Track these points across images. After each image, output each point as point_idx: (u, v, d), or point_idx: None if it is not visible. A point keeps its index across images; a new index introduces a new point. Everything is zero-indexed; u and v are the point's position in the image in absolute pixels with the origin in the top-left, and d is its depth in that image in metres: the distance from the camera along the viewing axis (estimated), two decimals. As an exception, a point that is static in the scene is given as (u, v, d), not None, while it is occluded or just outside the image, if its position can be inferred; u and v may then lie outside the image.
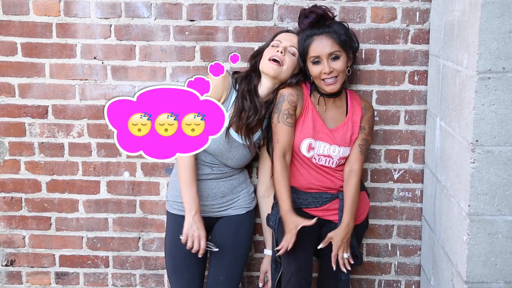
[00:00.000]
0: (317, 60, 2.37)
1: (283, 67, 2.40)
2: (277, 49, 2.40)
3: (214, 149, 2.44)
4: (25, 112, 2.75)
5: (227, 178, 2.54)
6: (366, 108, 2.51)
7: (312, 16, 2.38)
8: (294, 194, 2.49)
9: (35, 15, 2.66)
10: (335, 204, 2.48)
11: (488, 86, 1.93)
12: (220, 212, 2.56)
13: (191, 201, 2.38)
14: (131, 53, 2.69)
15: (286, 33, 2.48)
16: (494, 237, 2.04)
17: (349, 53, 2.42)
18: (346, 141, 2.45)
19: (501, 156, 1.99)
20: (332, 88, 2.39)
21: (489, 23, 1.89)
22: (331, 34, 2.36)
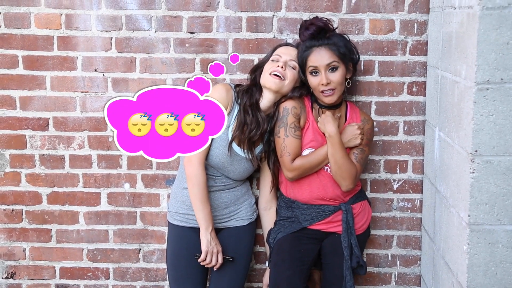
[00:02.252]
0: (315, 71, 2.39)
1: (285, 82, 2.42)
2: (278, 63, 2.42)
3: (217, 162, 2.45)
4: (26, 124, 2.76)
5: (229, 190, 2.55)
6: (365, 120, 2.53)
7: (312, 28, 2.41)
8: (297, 210, 2.51)
9: (36, 28, 2.68)
10: (338, 216, 2.49)
11: (487, 96, 1.95)
12: (222, 223, 2.56)
13: (206, 218, 2.42)
14: (132, 65, 2.71)
15: (285, 46, 2.50)
16: (494, 247, 2.06)
17: (348, 65, 2.44)
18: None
19: (500, 166, 2.00)
20: (330, 99, 2.41)
21: (487, 35, 1.91)
22: (329, 46, 2.38)
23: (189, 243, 2.53)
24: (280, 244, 2.50)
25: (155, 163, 2.78)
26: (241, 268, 2.57)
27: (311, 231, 2.51)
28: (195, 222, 2.50)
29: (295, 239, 2.49)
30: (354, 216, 2.50)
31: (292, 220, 2.53)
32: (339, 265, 2.44)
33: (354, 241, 2.45)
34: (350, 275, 2.42)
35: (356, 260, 2.43)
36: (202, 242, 2.42)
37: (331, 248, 2.50)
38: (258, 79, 2.47)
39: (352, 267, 2.43)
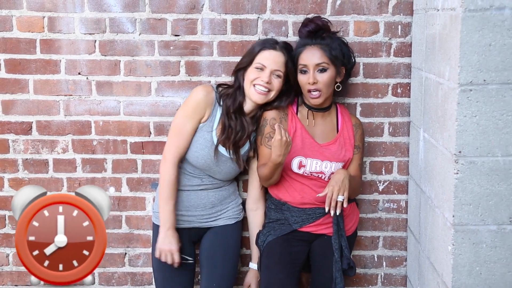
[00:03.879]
0: (304, 70, 2.40)
1: (270, 93, 2.41)
2: (262, 76, 2.37)
3: (202, 164, 2.44)
4: (9, 128, 2.73)
5: (216, 189, 2.54)
6: (357, 125, 2.55)
7: (311, 26, 2.44)
8: (287, 213, 2.51)
9: (18, 31, 2.65)
10: (328, 218, 2.48)
11: (470, 98, 1.97)
12: (209, 222, 2.55)
13: (167, 216, 2.41)
14: (116, 68, 2.70)
15: (269, 51, 2.40)
16: (478, 247, 2.07)
17: (340, 68, 2.44)
18: (339, 156, 2.47)
19: (483, 166, 2.02)
20: (315, 101, 2.41)
21: (469, 37, 1.93)
22: (322, 46, 2.40)
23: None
24: (271, 247, 2.49)
25: (140, 167, 2.76)
26: (231, 267, 2.56)
27: (301, 233, 2.50)
28: (182, 223, 2.50)
29: (285, 242, 2.49)
30: (344, 217, 2.50)
31: (282, 222, 2.52)
32: (329, 267, 2.44)
33: (345, 242, 2.45)
34: (341, 276, 2.42)
35: (347, 262, 2.43)
36: (158, 239, 2.42)
37: (320, 250, 2.50)
38: (242, 83, 2.45)
39: (342, 268, 2.43)
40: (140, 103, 2.70)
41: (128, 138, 2.74)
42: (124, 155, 2.75)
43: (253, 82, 2.38)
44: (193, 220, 2.52)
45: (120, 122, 2.74)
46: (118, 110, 2.73)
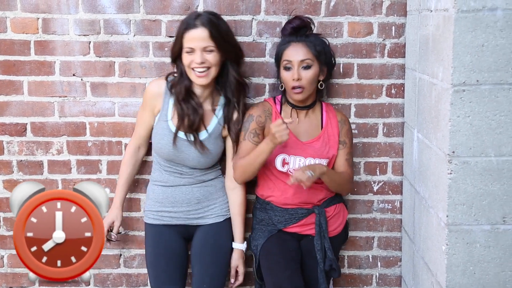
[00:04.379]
0: (288, 66, 2.41)
1: (211, 70, 2.38)
2: (195, 59, 2.34)
3: (167, 153, 2.46)
4: (3, 130, 2.73)
5: (201, 184, 2.53)
6: (342, 121, 2.55)
7: (295, 22, 2.44)
8: (271, 212, 2.52)
9: (12, 33, 2.65)
10: (312, 219, 2.50)
11: (463, 98, 1.98)
12: (197, 219, 2.54)
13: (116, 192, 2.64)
14: (111, 70, 2.69)
15: (191, 31, 2.35)
16: (472, 247, 2.08)
17: (323, 66, 2.46)
18: (323, 153, 2.48)
19: (477, 166, 2.03)
20: (298, 97, 2.42)
21: (462, 37, 1.94)
22: (307, 43, 2.41)
23: (166, 241, 2.54)
24: (267, 249, 2.49)
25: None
26: (222, 264, 2.55)
27: (289, 233, 2.52)
28: (169, 219, 2.52)
29: (280, 240, 2.50)
30: (328, 219, 2.51)
31: (267, 222, 2.54)
32: (314, 268, 2.45)
33: (328, 244, 2.46)
34: (323, 278, 2.43)
35: (329, 263, 2.44)
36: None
37: (306, 250, 2.51)
38: (183, 68, 2.42)
39: (325, 270, 2.44)
40: (135, 104, 2.70)
41: (123, 140, 2.74)
42: (119, 157, 2.75)
43: (190, 66, 2.37)
44: (180, 216, 2.52)
45: (115, 123, 2.73)
46: (113, 111, 2.73)
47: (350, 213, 2.83)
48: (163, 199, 2.53)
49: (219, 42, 2.36)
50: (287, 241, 2.50)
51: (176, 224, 2.54)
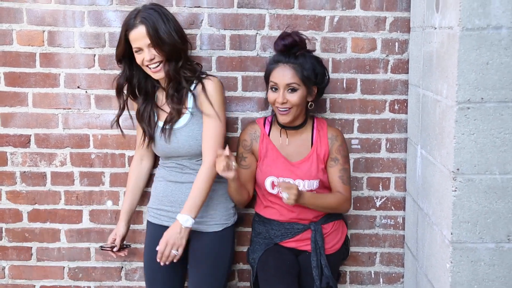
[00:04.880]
0: (275, 87, 2.40)
1: (163, 64, 2.36)
2: (145, 57, 2.33)
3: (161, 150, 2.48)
4: (7, 141, 2.73)
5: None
6: (333, 137, 2.51)
7: (288, 40, 2.39)
8: (268, 225, 2.53)
9: (18, 45, 2.66)
10: (308, 234, 2.49)
11: (468, 116, 1.98)
12: (195, 224, 2.40)
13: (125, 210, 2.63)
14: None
15: (132, 31, 2.32)
16: (476, 265, 2.07)
17: (311, 88, 2.43)
18: (311, 174, 2.46)
19: (481, 184, 2.02)
20: (284, 118, 2.41)
21: (467, 55, 1.94)
22: (295, 66, 2.37)
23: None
24: (264, 262, 2.49)
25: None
26: (220, 277, 2.50)
27: (286, 248, 2.52)
28: (167, 220, 2.48)
29: (277, 253, 2.49)
30: (325, 236, 2.50)
31: (264, 235, 2.55)
32: (310, 284, 2.42)
33: (324, 261, 2.44)
34: None
35: (325, 281, 2.42)
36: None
37: (303, 266, 2.49)
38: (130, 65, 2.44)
39: (322, 287, 2.41)
40: (138, 117, 2.71)
41: (126, 152, 2.74)
42: (122, 169, 2.75)
43: (143, 63, 2.37)
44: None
45: (119, 135, 2.73)
46: (114, 123, 2.73)
47: (353, 228, 2.83)
48: (163, 197, 2.51)
49: (153, 40, 2.30)
50: (283, 254, 2.49)
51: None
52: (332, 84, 2.70)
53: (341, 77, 2.70)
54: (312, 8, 2.65)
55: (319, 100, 2.62)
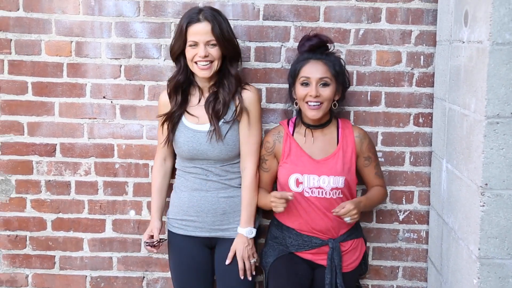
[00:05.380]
0: (306, 82, 2.41)
1: (214, 64, 2.40)
2: (198, 53, 2.37)
3: (187, 151, 2.46)
4: (33, 150, 2.77)
5: (227, 193, 2.49)
6: (360, 136, 2.53)
7: (315, 40, 2.45)
8: (286, 233, 2.52)
9: (46, 55, 2.70)
10: (325, 249, 2.47)
11: (497, 130, 1.97)
12: (221, 231, 2.49)
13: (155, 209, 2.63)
14: (140, 93, 2.73)
15: (195, 25, 2.37)
16: (504, 281, 2.05)
17: (339, 86, 2.46)
18: (337, 170, 2.44)
19: (510, 199, 2.00)
20: (314, 114, 2.42)
21: (497, 70, 1.94)
22: (326, 62, 2.42)
23: (191, 253, 2.52)
24: (276, 268, 2.47)
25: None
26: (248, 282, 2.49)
27: (301, 258, 2.50)
28: (193, 229, 2.50)
29: (290, 261, 2.48)
30: (343, 253, 2.48)
31: (280, 241, 2.53)
32: None
33: (340, 280, 2.42)
34: None
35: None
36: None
37: (318, 281, 2.47)
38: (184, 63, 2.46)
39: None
40: (163, 127, 2.72)
41: (150, 162, 2.76)
42: (145, 179, 2.77)
43: (193, 60, 2.39)
44: (204, 227, 2.49)
45: (143, 146, 2.76)
46: (141, 134, 2.76)
47: (375, 241, 2.81)
48: (188, 208, 2.50)
49: (219, 38, 2.37)
50: (297, 264, 2.48)
51: (200, 236, 2.51)
52: (357, 97, 2.70)
53: (365, 89, 2.70)
54: (337, 21, 2.66)
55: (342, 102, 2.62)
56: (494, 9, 1.90)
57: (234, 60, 2.47)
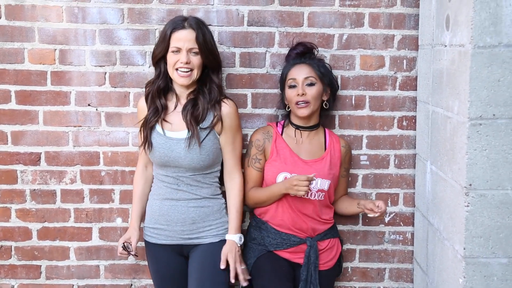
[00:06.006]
0: (293, 84, 2.50)
1: (194, 72, 2.41)
2: (180, 59, 2.38)
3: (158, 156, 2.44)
4: (17, 159, 2.74)
5: (197, 203, 2.48)
6: (346, 147, 2.63)
7: (299, 48, 2.57)
8: (264, 232, 2.55)
9: (30, 64, 2.68)
10: (303, 247, 2.51)
11: (480, 132, 2.01)
12: (191, 239, 2.49)
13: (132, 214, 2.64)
14: (125, 100, 2.73)
15: (179, 31, 2.38)
16: (489, 280, 2.08)
17: (326, 86, 2.54)
18: (324, 173, 2.51)
19: (494, 199, 2.04)
20: (303, 112, 2.48)
21: (479, 72, 1.98)
22: (310, 64, 2.53)
23: (166, 261, 2.52)
24: (259, 267, 2.50)
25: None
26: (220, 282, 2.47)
27: (279, 257, 2.53)
28: (164, 238, 2.50)
29: (271, 258, 2.51)
30: (320, 252, 2.53)
31: (258, 242, 2.56)
32: None
33: (315, 277, 2.47)
34: None
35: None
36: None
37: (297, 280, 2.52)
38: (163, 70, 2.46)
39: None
40: (149, 134, 2.72)
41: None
42: (132, 186, 2.75)
43: (175, 66, 2.40)
44: (174, 235, 2.48)
45: (129, 153, 2.75)
46: (126, 141, 2.75)
47: (362, 244, 2.84)
48: (159, 216, 2.50)
49: (202, 47, 2.39)
50: (278, 260, 2.52)
51: (172, 244, 2.51)
52: (341, 101, 2.73)
53: (350, 94, 2.73)
54: (321, 26, 2.69)
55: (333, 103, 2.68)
56: (475, 13, 1.94)
57: (215, 71, 2.48)
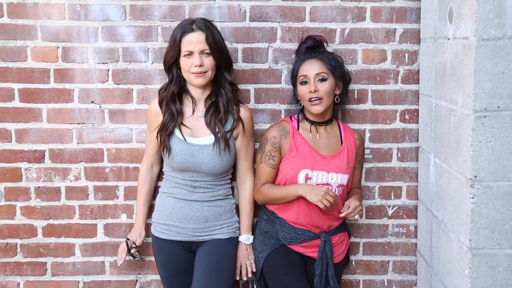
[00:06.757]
0: (305, 81, 2.48)
1: (208, 73, 2.44)
2: (194, 62, 2.40)
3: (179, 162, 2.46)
4: (22, 157, 2.74)
5: (211, 203, 2.52)
6: (360, 140, 2.64)
7: (309, 42, 2.55)
8: (278, 226, 2.55)
9: (33, 61, 2.68)
10: (316, 242, 2.52)
11: (485, 124, 2.02)
12: (202, 236, 2.53)
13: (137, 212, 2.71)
14: (129, 97, 2.73)
15: (189, 35, 2.41)
16: (495, 270, 2.10)
17: (338, 80, 2.52)
18: (343, 168, 2.51)
19: (499, 191, 2.06)
20: (317, 108, 2.47)
21: (483, 65, 1.99)
22: (321, 59, 2.50)
23: (175, 257, 2.55)
24: (272, 262, 2.50)
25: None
26: (226, 277, 2.50)
27: (292, 251, 2.53)
28: (175, 234, 2.53)
29: (285, 253, 2.51)
30: (333, 246, 2.54)
31: (271, 235, 2.56)
32: None
33: (331, 272, 2.48)
34: None
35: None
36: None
37: (309, 273, 2.52)
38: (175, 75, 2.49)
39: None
40: (152, 130, 2.73)
41: (140, 165, 2.76)
42: (136, 182, 2.76)
43: (190, 70, 2.42)
44: (185, 232, 2.51)
45: (133, 149, 2.76)
46: (130, 137, 2.76)
47: (365, 237, 2.86)
48: (172, 213, 2.52)
49: (212, 47, 2.41)
50: (292, 254, 2.52)
51: (182, 240, 2.54)
52: (344, 95, 2.74)
53: (352, 88, 2.74)
54: (323, 21, 2.70)
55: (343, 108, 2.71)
56: (479, 6, 1.96)
57: (227, 69, 2.51)
